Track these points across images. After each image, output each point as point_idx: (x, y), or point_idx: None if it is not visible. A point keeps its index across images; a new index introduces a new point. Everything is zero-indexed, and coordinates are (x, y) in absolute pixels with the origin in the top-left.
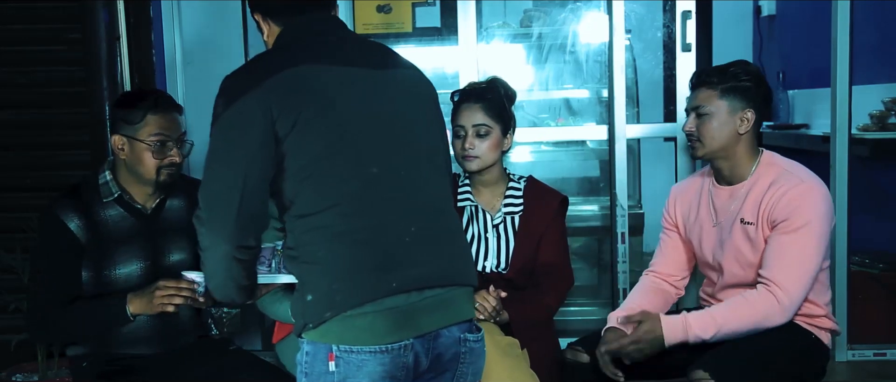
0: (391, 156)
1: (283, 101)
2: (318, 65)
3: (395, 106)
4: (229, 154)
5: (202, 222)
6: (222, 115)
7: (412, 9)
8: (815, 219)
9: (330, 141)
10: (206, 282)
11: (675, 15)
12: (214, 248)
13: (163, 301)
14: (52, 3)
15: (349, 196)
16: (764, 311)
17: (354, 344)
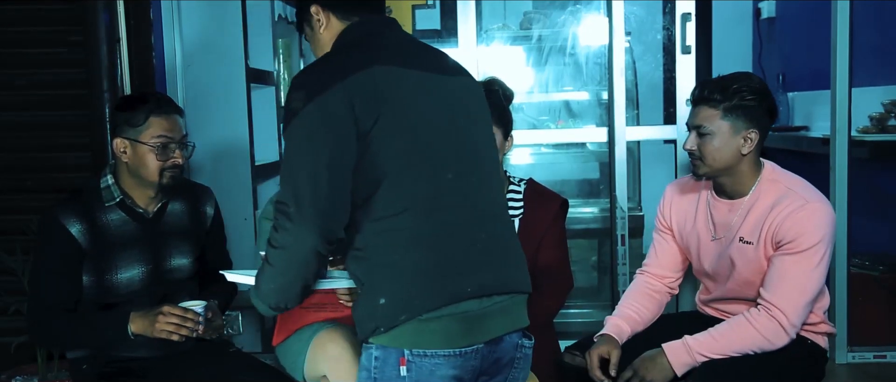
0: (462, 163)
1: (365, 99)
2: (395, 67)
3: (462, 113)
4: (314, 144)
5: (289, 216)
6: (303, 110)
7: (412, 11)
8: (821, 242)
9: (408, 144)
10: (265, 285)
11: (674, 17)
12: (300, 243)
13: (165, 328)
14: (53, 6)
15: (424, 200)
16: (767, 336)
17: (429, 348)
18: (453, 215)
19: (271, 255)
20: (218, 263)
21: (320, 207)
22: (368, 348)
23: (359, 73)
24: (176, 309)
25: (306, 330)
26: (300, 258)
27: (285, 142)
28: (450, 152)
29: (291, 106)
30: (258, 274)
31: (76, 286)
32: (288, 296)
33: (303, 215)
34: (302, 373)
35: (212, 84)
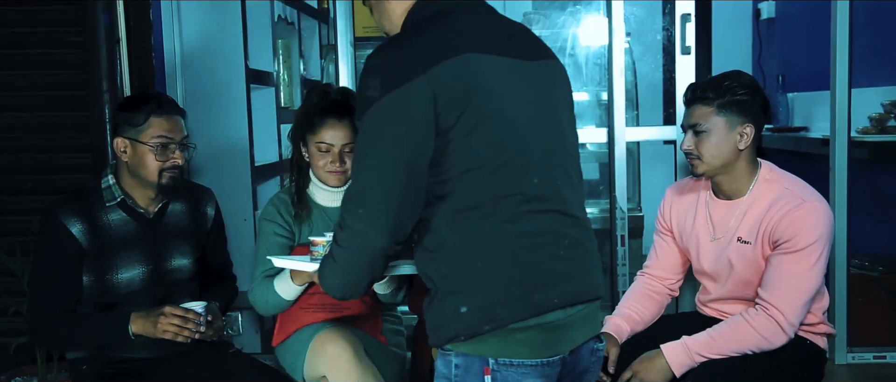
0: (550, 166)
1: (451, 92)
2: (483, 54)
3: (550, 107)
4: (391, 141)
5: (358, 216)
6: (380, 101)
7: None
8: (818, 241)
9: (494, 143)
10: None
11: (674, 18)
12: (368, 244)
13: (167, 328)
14: (53, 6)
15: (512, 203)
16: (766, 335)
17: (515, 358)
18: (539, 222)
19: (337, 253)
20: (218, 264)
21: (394, 208)
22: (447, 355)
23: (444, 62)
24: (177, 310)
25: (306, 331)
26: (367, 259)
27: (361, 132)
28: (537, 152)
29: (367, 93)
30: (322, 264)
31: (76, 286)
32: (354, 291)
33: (372, 216)
34: (301, 374)
35: (211, 85)
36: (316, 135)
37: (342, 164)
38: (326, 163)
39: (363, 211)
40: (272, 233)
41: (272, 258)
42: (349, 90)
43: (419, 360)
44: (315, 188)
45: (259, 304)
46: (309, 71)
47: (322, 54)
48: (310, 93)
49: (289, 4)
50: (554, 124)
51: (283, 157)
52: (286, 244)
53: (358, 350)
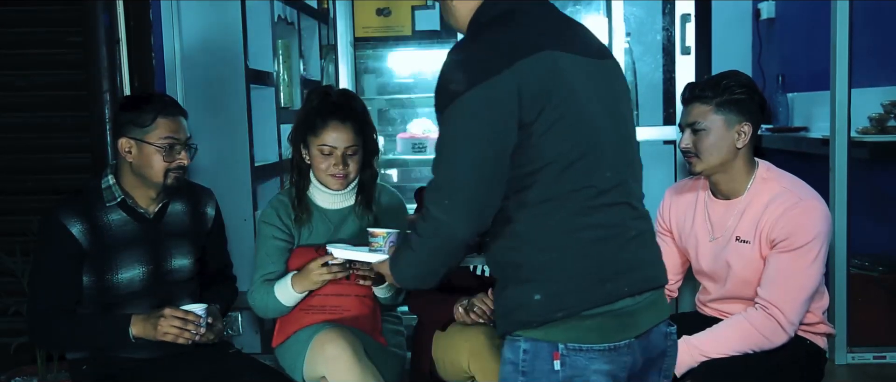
0: (619, 159)
1: (533, 88)
2: (559, 51)
3: (616, 104)
4: (476, 133)
5: (442, 207)
6: (466, 95)
7: (412, 12)
8: (816, 239)
9: (572, 138)
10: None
11: (674, 18)
12: (451, 234)
13: (167, 330)
14: (53, 6)
15: (585, 196)
16: (766, 334)
17: (584, 343)
18: (609, 215)
19: (416, 244)
20: (218, 265)
21: (477, 199)
22: (514, 341)
23: (527, 58)
24: (177, 312)
25: (305, 332)
26: (448, 249)
27: (442, 125)
28: (609, 147)
29: (450, 87)
30: (398, 255)
31: (76, 286)
32: (429, 282)
33: (457, 206)
34: (301, 374)
35: (211, 85)
36: (318, 138)
37: (345, 167)
38: (329, 166)
39: (449, 202)
40: (271, 237)
41: (332, 248)
42: (350, 92)
43: (419, 360)
44: (315, 190)
45: (259, 307)
46: (309, 71)
47: (322, 54)
48: (310, 95)
49: (289, 4)
50: (620, 120)
51: (283, 158)
52: (285, 247)
53: (357, 351)
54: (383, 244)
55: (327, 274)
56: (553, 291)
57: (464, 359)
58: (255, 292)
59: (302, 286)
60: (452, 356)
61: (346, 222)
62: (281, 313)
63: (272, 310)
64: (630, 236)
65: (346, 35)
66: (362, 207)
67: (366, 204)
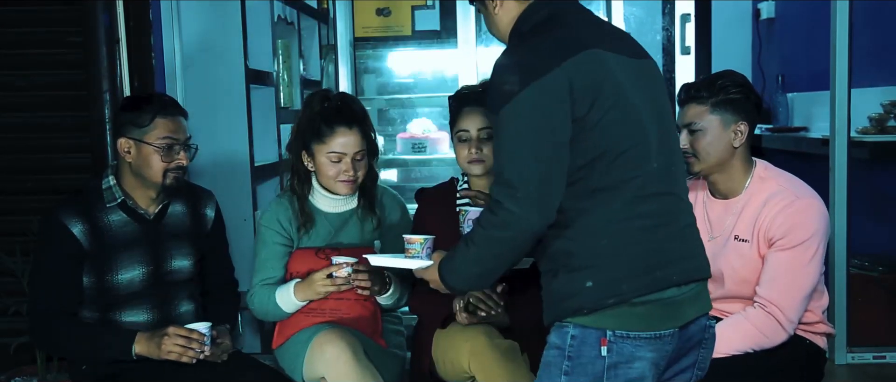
0: (664, 153)
1: (583, 83)
2: (603, 50)
3: (658, 101)
4: (537, 127)
5: (516, 201)
6: (522, 93)
7: (412, 12)
8: (813, 236)
9: (620, 131)
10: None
11: (674, 18)
12: (525, 226)
13: (171, 349)
14: (53, 6)
15: (633, 187)
16: (765, 333)
17: (631, 330)
18: (657, 205)
19: (482, 240)
20: (218, 268)
21: (547, 190)
22: (563, 327)
23: (577, 56)
24: (181, 331)
25: (305, 333)
26: (521, 241)
27: (502, 124)
28: (654, 140)
29: (505, 88)
30: (455, 255)
31: (77, 287)
32: (488, 281)
33: (530, 198)
34: (301, 375)
35: (211, 85)
36: (326, 145)
37: (355, 172)
38: (339, 173)
39: (522, 195)
40: (271, 241)
41: (369, 257)
42: (349, 95)
43: (419, 360)
44: (317, 195)
45: (258, 311)
46: (308, 71)
47: (322, 54)
48: (310, 101)
49: (289, 4)
50: (663, 115)
51: (282, 157)
52: (285, 251)
53: (357, 352)
54: (421, 250)
55: (331, 286)
56: (605, 278)
57: (464, 359)
58: (255, 296)
59: (304, 295)
60: (452, 356)
61: (347, 224)
62: (280, 318)
63: (272, 315)
64: (678, 227)
65: (345, 35)
66: (364, 210)
67: (368, 206)
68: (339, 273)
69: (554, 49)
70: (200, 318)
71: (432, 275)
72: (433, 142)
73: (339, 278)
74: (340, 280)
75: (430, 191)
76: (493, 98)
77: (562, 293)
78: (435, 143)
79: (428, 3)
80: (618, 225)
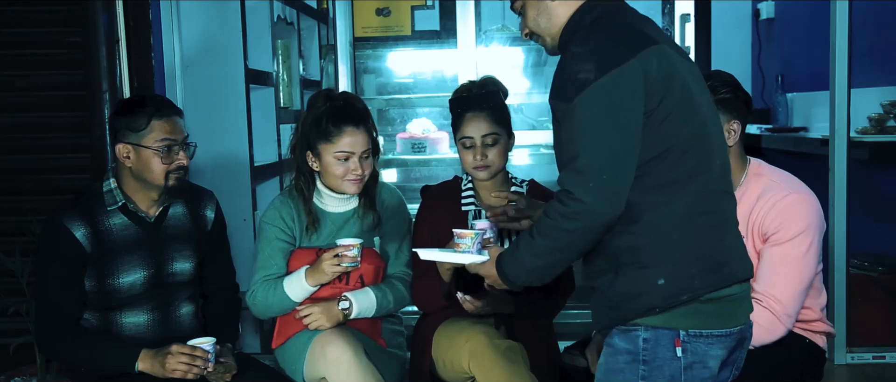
0: (722, 151)
1: (655, 76)
2: (667, 47)
3: (710, 100)
4: (612, 117)
5: (589, 190)
6: (598, 82)
7: (411, 12)
8: (807, 229)
9: (689, 125)
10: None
11: (673, 18)
12: (597, 215)
13: (176, 367)
14: (52, 7)
15: (700, 182)
16: (764, 326)
17: (704, 329)
18: (720, 201)
19: (550, 230)
20: (219, 271)
21: (620, 180)
22: (632, 331)
23: (649, 49)
24: (185, 348)
25: (305, 333)
26: (591, 232)
27: (575, 112)
28: (714, 137)
29: (580, 76)
30: (517, 247)
31: (81, 292)
32: (551, 274)
33: (603, 188)
34: (301, 376)
35: (211, 85)
36: (334, 145)
37: (362, 171)
38: (347, 172)
39: (594, 185)
40: (274, 238)
41: (419, 251)
42: (352, 94)
43: (419, 360)
44: (320, 195)
45: (261, 307)
46: (308, 71)
47: (321, 54)
48: (314, 101)
49: (288, 4)
50: (716, 118)
51: (282, 157)
52: (287, 249)
53: (358, 352)
54: (472, 245)
55: (339, 267)
56: (677, 274)
57: (464, 359)
58: (258, 292)
59: (315, 279)
60: (452, 356)
61: (348, 223)
62: (284, 311)
63: (276, 308)
64: (733, 225)
65: (345, 35)
66: (364, 208)
67: (369, 204)
68: (346, 253)
69: (629, 40)
70: (200, 318)
71: (488, 270)
72: (433, 142)
73: (346, 257)
74: (347, 260)
75: (435, 188)
76: (565, 86)
77: (628, 292)
78: (435, 143)
79: (428, 3)
80: (688, 222)
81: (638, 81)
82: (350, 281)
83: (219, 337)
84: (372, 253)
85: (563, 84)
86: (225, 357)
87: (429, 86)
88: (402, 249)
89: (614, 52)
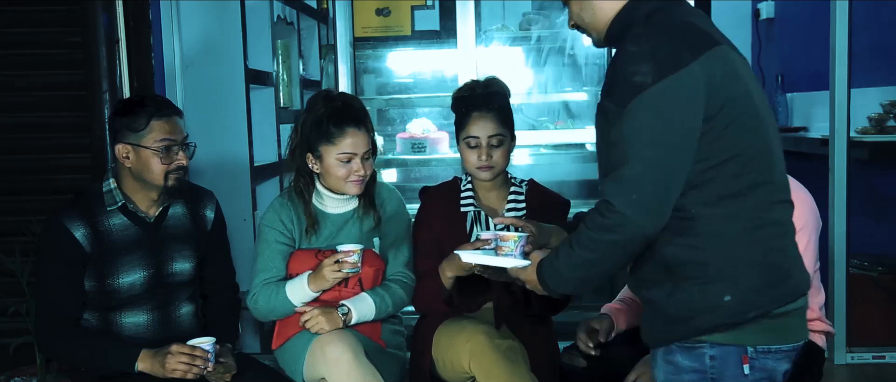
0: (782, 158)
1: (716, 81)
2: (726, 46)
3: (769, 106)
4: (666, 126)
5: (630, 202)
6: (655, 87)
7: (411, 12)
8: (803, 228)
9: (751, 132)
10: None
11: None
12: (637, 227)
13: (176, 367)
14: (52, 7)
15: (763, 193)
16: None
17: (773, 344)
18: (782, 212)
19: (588, 242)
20: (219, 271)
21: (663, 192)
22: (697, 348)
23: (710, 52)
24: (184, 348)
25: (305, 334)
26: (631, 245)
27: (628, 117)
28: (775, 144)
29: (635, 80)
30: (556, 255)
31: (81, 292)
32: (590, 284)
33: (646, 201)
34: (301, 376)
35: (211, 85)
36: (336, 146)
37: (364, 171)
38: (350, 173)
39: (637, 197)
40: (274, 240)
41: (461, 253)
42: (350, 95)
43: (419, 360)
44: (320, 196)
45: (262, 311)
46: (308, 71)
47: (321, 54)
48: (314, 102)
49: (288, 4)
50: (774, 121)
51: (282, 158)
52: (287, 251)
53: (358, 353)
54: (515, 248)
55: (339, 273)
56: (744, 289)
57: (464, 359)
58: (259, 295)
59: (317, 285)
60: (452, 356)
61: (347, 224)
62: (286, 314)
63: (278, 312)
64: (793, 235)
65: (345, 35)
66: (363, 209)
67: (369, 204)
68: (346, 259)
69: (689, 41)
70: (199, 318)
71: (529, 276)
72: (433, 142)
73: (346, 263)
74: (347, 266)
75: (434, 190)
76: (619, 87)
77: (691, 308)
78: (434, 143)
79: (428, 3)
80: (752, 234)
81: (698, 87)
82: (349, 283)
83: (219, 337)
84: (372, 254)
85: (616, 84)
86: (225, 358)
87: (429, 86)
88: (401, 250)
89: (674, 55)
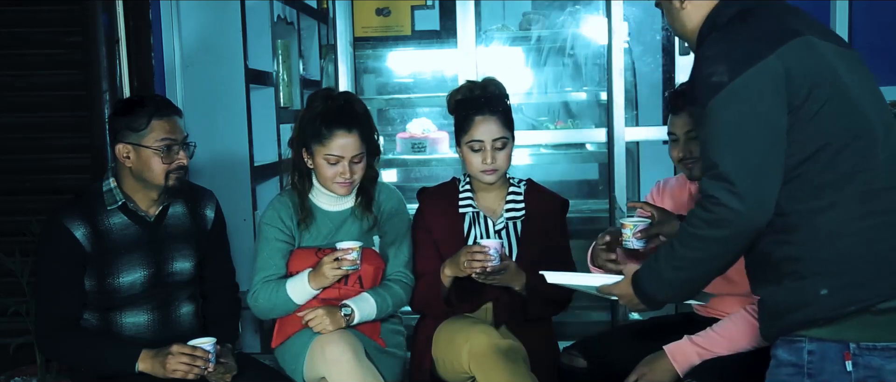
0: (888, 144)
1: (799, 71)
2: (815, 38)
3: (875, 91)
4: (752, 118)
5: (736, 196)
6: (732, 85)
7: (411, 12)
8: None
9: (843, 119)
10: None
11: None
12: (747, 223)
13: (176, 368)
14: (52, 7)
15: (862, 181)
16: None
17: (879, 341)
18: (887, 200)
19: (695, 240)
20: (219, 271)
21: (765, 182)
22: (794, 342)
23: (790, 43)
24: (185, 349)
25: (305, 333)
26: (740, 240)
27: (712, 116)
28: (877, 131)
29: (713, 79)
30: (654, 262)
31: (82, 292)
32: (694, 289)
33: (751, 193)
34: (301, 376)
35: (211, 85)
36: (324, 147)
37: (351, 174)
38: (336, 175)
39: (741, 189)
40: (274, 238)
41: (546, 274)
42: (352, 95)
43: (419, 360)
44: (317, 193)
45: (263, 309)
46: (308, 71)
47: (321, 54)
48: (312, 99)
49: (288, 4)
50: (882, 105)
51: (282, 157)
52: (287, 249)
53: (358, 352)
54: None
55: (339, 271)
56: (841, 284)
57: (464, 359)
58: (259, 293)
59: (317, 283)
60: (452, 356)
61: (346, 223)
62: (287, 312)
63: (279, 309)
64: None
65: (345, 35)
66: (362, 209)
67: (366, 205)
68: (345, 257)
69: (765, 36)
70: (200, 318)
71: (623, 290)
72: (433, 142)
73: (345, 260)
74: (347, 263)
75: (432, 191)
76: (699, 90)
77: (788, 303)
78: (434, 143)
79: (428, 3)
80: (850, 225)
81: (778, 80)
82: (349, 281)
83: (219, 337)
84: (372, 253)
85: (696, 88)
86: (225, 358)
87: (429, 86)
88: (401, 250)
89: (749, 51)
